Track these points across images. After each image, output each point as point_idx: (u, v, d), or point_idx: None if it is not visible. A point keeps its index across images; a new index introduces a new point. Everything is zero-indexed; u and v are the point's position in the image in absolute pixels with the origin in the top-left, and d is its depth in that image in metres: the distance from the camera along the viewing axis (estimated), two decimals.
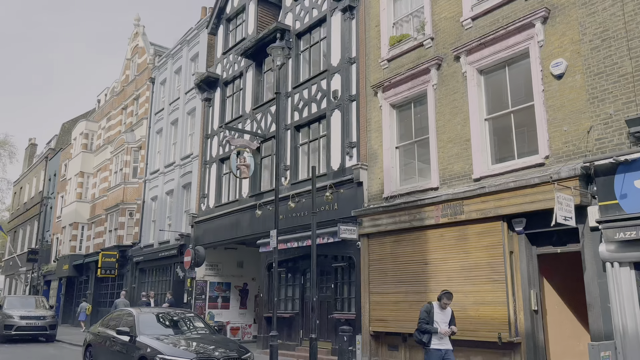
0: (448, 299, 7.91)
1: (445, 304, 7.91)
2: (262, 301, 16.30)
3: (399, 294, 11.60)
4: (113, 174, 28.31)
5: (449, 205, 10.72)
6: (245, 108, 18.84)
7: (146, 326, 10.06)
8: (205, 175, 20.58)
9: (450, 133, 11.29)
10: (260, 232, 16.58)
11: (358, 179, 13.17)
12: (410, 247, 11.53)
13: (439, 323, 7.81)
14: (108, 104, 32.68)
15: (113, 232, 27.07)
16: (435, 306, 7.96)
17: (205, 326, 10.87)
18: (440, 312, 7.92)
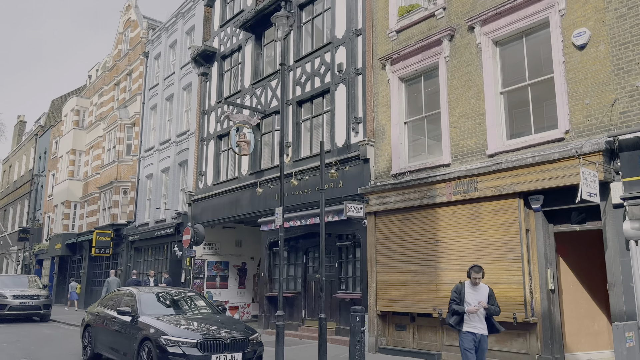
0: (477, 272, 7.12)
1: (475, 278, 7.12)
2: (263, 280, 15.98)
3: (408, 273, 11.28)
4: (106, 151, 27.67)
5: (462, 182, 10.35)
6: (244, 83, 18.27)
7: (148, 306, 9.68)
8: (202, 152, 20.06)
9: (463, 107, 10.87)
10: (261, 211, 16.18)
11: (364, 156, 12.75)
12: (419, 226, 11.19)
13: (472, 303, 7.05)
14: (100, 80, 31.84)
15: (107, 210, 26.55)
16: (467, 285, 7.21)
17: (208, 306, 10.51)
18: (473, 290, 7.14)
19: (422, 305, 10.84)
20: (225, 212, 18.04)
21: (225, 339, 8.53)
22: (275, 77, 16.68)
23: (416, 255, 11.16)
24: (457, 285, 7.31)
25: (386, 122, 12.58)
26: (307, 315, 14.71)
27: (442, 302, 10.46)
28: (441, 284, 10.56)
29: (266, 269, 16.07)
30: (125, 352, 9.27)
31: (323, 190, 10.28)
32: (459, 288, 7.22)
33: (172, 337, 8.31)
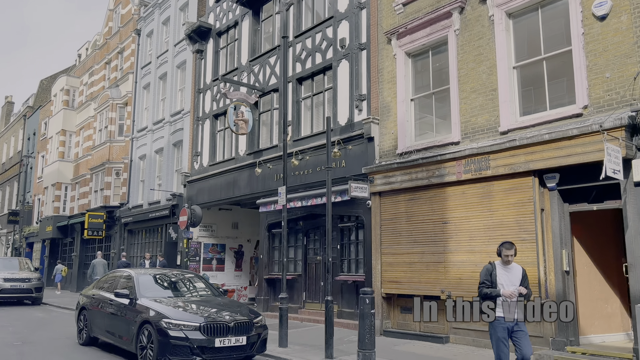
0: (508, 249, 6.32)
1: (507, 256, 6.31)
2: (262, 263, 15.62)
3: (414, 254, 10.94)
4: (97, 131, 27.00)
5: (472, 161, 9.97)
6: (241, 60, 17.69)
7: (147, 288, 9.28)
8: (197, 132, 19.52)
9: (474, 83, 10.44)
10: (260, 192, 15.76)
11: (369, 134, 12.32)
12: (427, 206, 10.82)
13: (505, 285, 6.25)
14: (90, 58, 31.01)
15: (99, 192, 25.99)
16: (498, 265, 6.39)
17: (208, 288, 10.12)
18: (505, 271, 6.35)
19: (430, 288, 10.53)
20: (222, 193, 17.59)
21: (229, 322, 8.17)
22: (274, 53, 16.14)
23: (423, 236, 10.82)
24: (486, 266, 6.50)
25: (392, 99, 12.13)
26: (308, 298, 14.40)
27: (450, 284, 10.17)
28: (450, 265, 10.23)
29: (265, 251, 15.69)
30: (124, 336, 8.89)
31: (330, 168, 9.85)
32: (490, 269, 6.41)
33: (173, 320, 7.94)
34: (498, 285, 6.27)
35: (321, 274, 14.05)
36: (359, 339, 8.22)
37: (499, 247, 6.48)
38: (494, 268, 6.40)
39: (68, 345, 10.46)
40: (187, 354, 7.77)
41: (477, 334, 9.72)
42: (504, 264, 6.42)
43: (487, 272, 6.40)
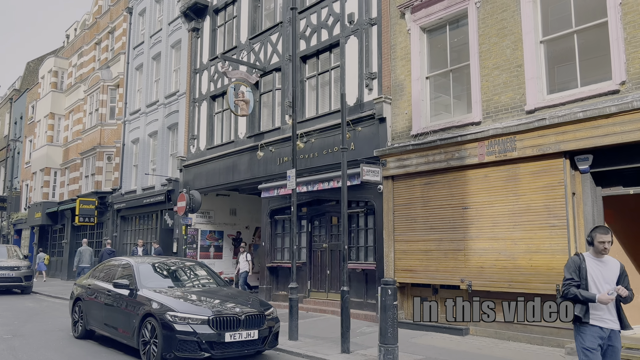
0: (604, 233, 4.79)
1: (603, 243, 4.76)
2: (264, 250, 14.95)
3: (431, 241, 10.33)
4: (88, 114, 26.05)
5: (496, 141, 9.33)
6: (240, 38, 16.86)
7: (147, 278, 8.59)
8: (194, 114, 18.71)
9: (497, 58, 9.77)
10: (262, 176, 15.05)
11: (381, 114, 11.63)
12: (445, 190, 10.19)
13: (598, 283, 4.78)
14: (79, 39, 29.89)
15: (90, 177, 25.11)
16: (588, 258, 4.89)
17: (212, 277, 9.44)
18: (598, 265, 4.84)
19: (448, 277, 9.93)
20: (221, 178, 16.85)
21: (239, 314, 7.52)
22: (276, 30, 15.33)
23: (441, 222, 10.20)
24: (573, 259, 4.99)
25: (405, 77, 11.43)
26: (313, 287, 13.77)
27: (471, 273, 9.58)
28: (471, 253, 9.63)
29: (267, 239, 15.02)
30: (123, 329, 8.20)
31: (345, 149, 9.15)
32: (577, 262, 4.90)
33: (179, 314, 7.26)
34: (589, 283, 4.81)
35: (327, 261, 13.43)
36: (380, 332, 7.61)
37: (590, 233, 4.93)
38: (582, 261, 4.89)
39: (62, 338, 9.75)
40: (194, 350, 7.12)
41: (500, 326, 9.17)
42: (596, 256, 4.87)
43: (574, 265, 4.90)
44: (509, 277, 8.97)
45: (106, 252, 19.66)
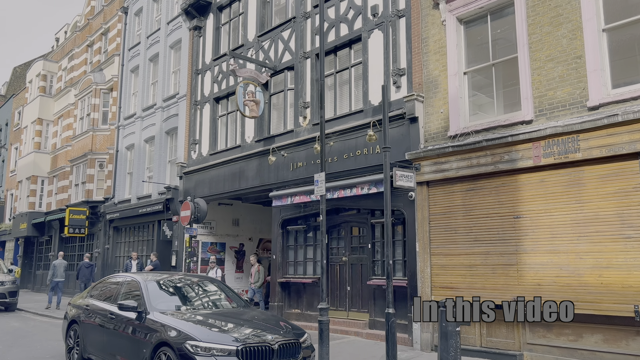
0: None
1: None
2: (275, 264, 13.69)
3: (475, 255, 9.18)
4: (78, 120, 24.67)
5: (555, 142, 8.24)
6: (247, 36, 15.72)
7: (159, 298, 7.33)
8: (195, 118, 17.47)
9: (551, 49, 8.72)
10: (273, 183, 13.84)
11: (412, 114, 10.51)
12: (492, 197, 9.07)
13: None
14: (69, 41, 28.56)
15: (80, 186, 23.67)
16: None
17: (232, 297, 8.19)
18: None
19: (498, 295, 8.76)
20: (226, 185, 15.60)
21: (271, 343, 6.29)
22: (288, 26, 14.21)
23: (488, 233, 9.06)
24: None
25: (440, 72, 10.35)
26: (331, 305, 12.52)
27: (526, 290, 8.44)
28: (525, 268, 8.49)
29: (279, 251, 13.77)
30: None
31: (387, 149, 8.04)
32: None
33: (202, 343, 6.02)
34: None
35: (347, 277, 12.22)
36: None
37: None
38: None
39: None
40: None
41: (562, 352, 8.00)
42: None
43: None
44: (574, 296, 7.83)
45: (84, 266, 18.44)
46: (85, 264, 18.82)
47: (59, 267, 18.13)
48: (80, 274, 18.56)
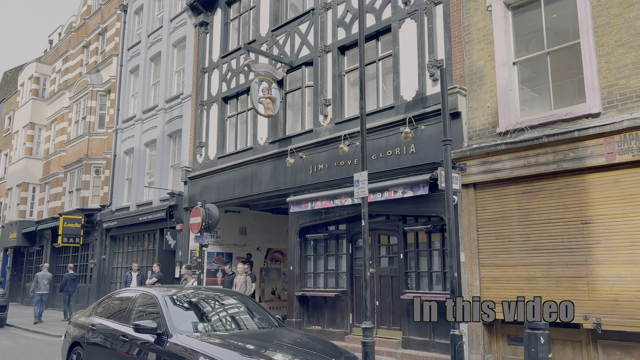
0: None
1: None
2: (293, 276, 12.53)
3: (535, 266, 8.11)
4: (73, 123, 23.43)
5: (633, 136, 7.22)
6: (259, 31, 14.67)
7: (182, 317, 6.16)
8: (201, 119, 16.35)
9: (621, 33, 7.73)
10: (289, 187, 12.73)
11: (454, 108, 9.46)
12: (555, 200, 8.02)
13: None
14: (64, 42, 27.37)
15: (75, 193, 22.37)
16: None
17: (264, 315, 7.03)
18: None
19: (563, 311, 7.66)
20: (236, 190, 14.46)
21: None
22: (306, 19, 13.19)
23: (550, 241, 7.99)
24: None
25: (485, 63, 9.34)
26: (356, 321, 11.37)
27: (599, 307, 7.37)
28: (598, 281, 7.43)
29: (296, 262, 12.61)
30: None
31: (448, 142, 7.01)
32: None
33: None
34: None
35: (376, 290, 11.08)
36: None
37: None
38: None
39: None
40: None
41: None
42: None
43: None
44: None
45: (70, 278, 17.32)
46: (72, 275, 17.65)
47: (41, 280, 17.16)
48: (67, 285, 17.39)
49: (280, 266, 18.12)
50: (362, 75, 8.31)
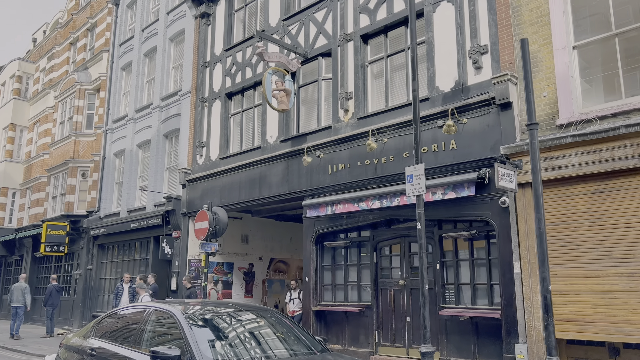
0: None
1: None
2: (309, 288, 11.24)
3: (612, 277, 6.97)
4: (58, 124, 21.92)
5: None
6: (269, 20, 13.50)
7: (209, 341, 4.86)
8: (202, 117, 15.06)
9: None
10: (305, 190, 11.51)
11: (504, 98, 8.37)
12: (635, 200, 6.91)
13: None
14: (49, 39, 25.89)
15: (59, 198, 20.81)
16: None
17: (305, 336, 5.75)
18: None
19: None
20: (242, 194, 13.17)
21: None
22: (323, 6, 12.06)
23: (631, 249, 6.87)
24: None
25: (540, 47, 8.26)
26: (383, 340, 10.12)
27: None
28: None
29: (313, 272, 11.33)
30: None
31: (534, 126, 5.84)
32: None
33: None
34: None
35: (406, 304, 9.86)
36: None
37: None
38: None
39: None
40: None
41: None
42: None
43: None
44: None
45: (55, 290, 15.92)
46: (56, 287, 16.21)
47: (16, 291, 15.72)
48: (52, 298, 15.91)
49: (283, 277, 16.83)
50: (414, 51, 7.18)
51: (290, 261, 17.10)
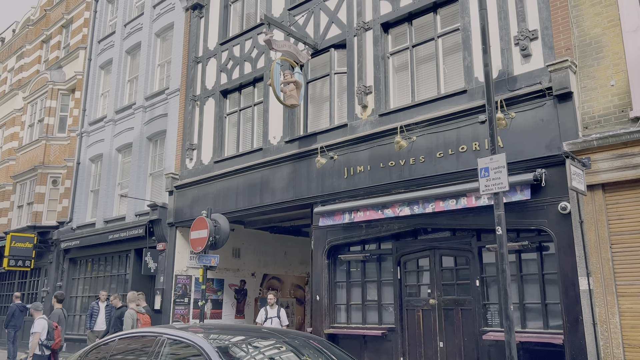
0: None
1: None
2: (320, 307, 9.82)
3: None
4: (27, 127, 20.10)
5: None
6: (272, 10, 12.24)
7: None
8: (192, 116, 13.62)
9: None
10: (316, 195, 10.18)
11: (564, 88, 7.26)
12: None
13: None
14: (19, 38, 24.04)
15: (25, 207, 18.92)
16: None
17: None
18: None
19: None
20: (240, 201, 11.75)
21: None
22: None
23: None
24: None
25: (604, 30, 7.22)
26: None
27: None
28: None
29: (324, 290, 9.93)
30: None
31: None
32: None
33: None
34: None
35: (437, 327, 8.56)
36: None
37: None
38: None
39: None
40: None
41: None
42: None
43: None
44: None
45: (18, 309, 14.14)
46: (19, 306, 14.33)
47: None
48: (15, 318, 14.06)
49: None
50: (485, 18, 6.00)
51: (285, 278, 15.64)
